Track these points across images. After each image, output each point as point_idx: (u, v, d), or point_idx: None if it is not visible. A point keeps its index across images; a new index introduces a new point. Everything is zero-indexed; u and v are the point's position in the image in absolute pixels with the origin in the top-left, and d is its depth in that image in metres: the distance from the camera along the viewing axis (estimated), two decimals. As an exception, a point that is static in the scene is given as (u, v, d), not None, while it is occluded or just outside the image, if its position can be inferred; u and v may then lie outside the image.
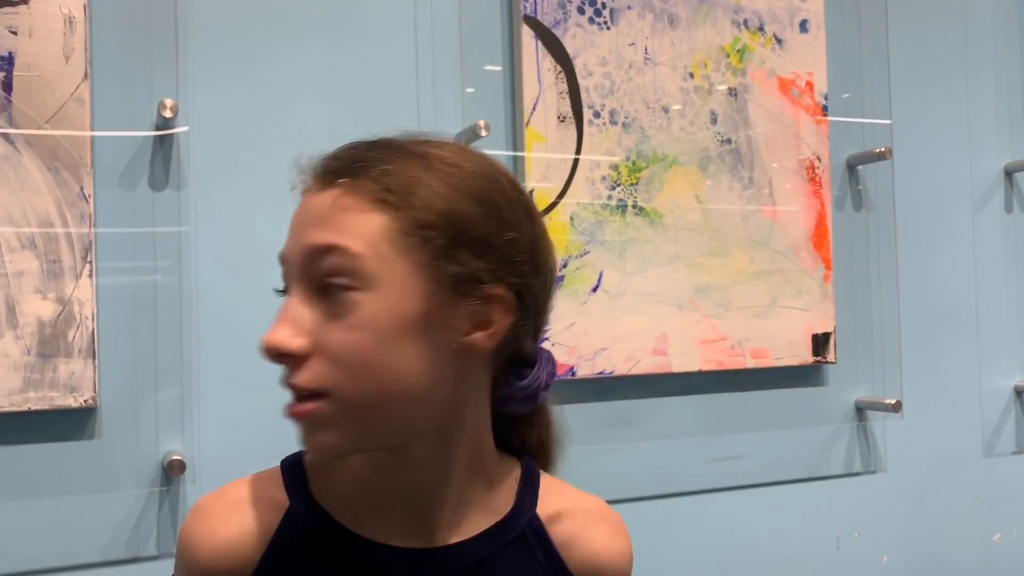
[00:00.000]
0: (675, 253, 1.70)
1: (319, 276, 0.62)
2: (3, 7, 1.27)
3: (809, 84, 1.85)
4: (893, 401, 1.83)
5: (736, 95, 1.78)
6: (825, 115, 1.86)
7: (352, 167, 0.63)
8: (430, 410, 0.64)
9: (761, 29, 1.80)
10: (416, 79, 1.55)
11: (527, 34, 1.60)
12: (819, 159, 1.85)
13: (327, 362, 0.61)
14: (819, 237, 1.84)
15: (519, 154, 1.60)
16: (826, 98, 1.87)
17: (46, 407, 1.27)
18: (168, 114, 1.30)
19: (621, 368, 1.65)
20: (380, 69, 1.53)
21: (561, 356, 1.60)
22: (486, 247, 0.61)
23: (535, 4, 1.60)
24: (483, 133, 1.51)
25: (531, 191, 1.58)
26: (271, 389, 1.40)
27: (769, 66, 1.81)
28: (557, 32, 1.62)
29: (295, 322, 0.62)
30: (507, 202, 0.64)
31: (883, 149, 1.86)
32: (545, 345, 1.59)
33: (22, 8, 1.28)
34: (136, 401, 1.35)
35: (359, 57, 1.52)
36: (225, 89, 1.42)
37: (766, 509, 1.79)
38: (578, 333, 1.62)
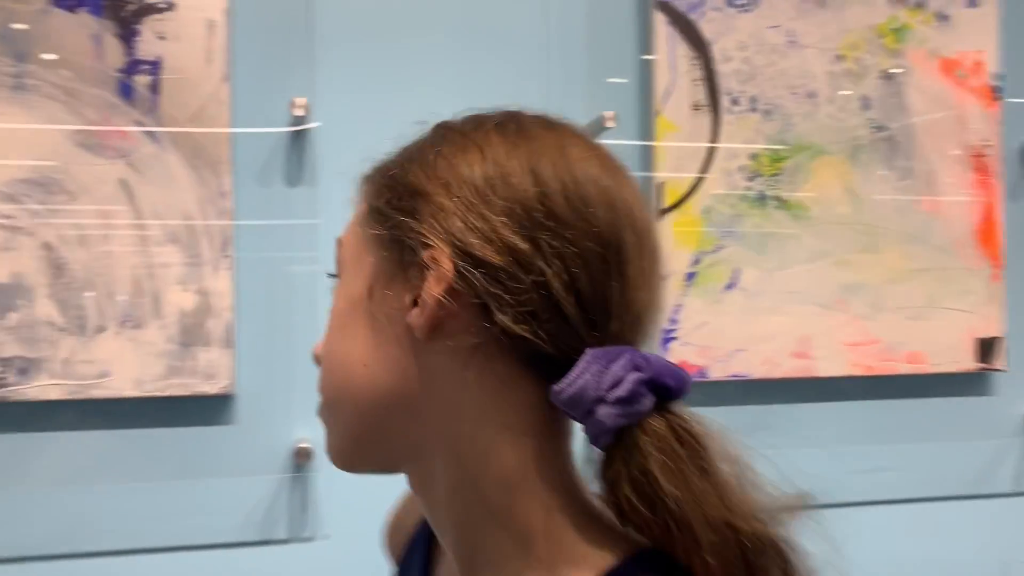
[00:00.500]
0: (821, 249, 1.59)
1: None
2: (152, 14, 1.34)
3: (978, 64, 1.68)
4: None
5: (892, 78, 1.64)
6: (997, 98, 1.69)
7: (377, 164, 0.61)
8: (396, 416, 0.55)
9: (921, 6, 1.65)
10: (546, 71, 1.52)
11: (660, 21, 1.53)
12: (988, 146, 1.68)
13: None
14: (986, 232, 1.67)
15: (649, 144, 1.54)
16: (998, 79, 1.69)
17: (186, 393, 1.34)
18: (300, 112, 1.33)
19: (758, 371, 1.56)
20: (509, 61, 1.51)
21: (692, 357, 1.54)
22: (443, 216, 0.52)
23: (669, -12, 1.54)
24: (609, 124, 1.46)
25: (656, 184, 1.52)
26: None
27: (931, 46, 1.66)
28: (693, 17, 1.55)
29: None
30: (520, 176, 0.53)
31: (1066, 134, 1.66)
32: (674, 345, 1.54)
33: (168, 15, 1.35)
34: (270, 389, 1.40)
35: (487, 49, 1.51)
36: (357, 86, 1.44)
37: (920, 527, 1.65)
38: (711, 333, 1.54)
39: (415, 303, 0.53)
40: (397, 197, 0.55)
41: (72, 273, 1.31)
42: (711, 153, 1.55)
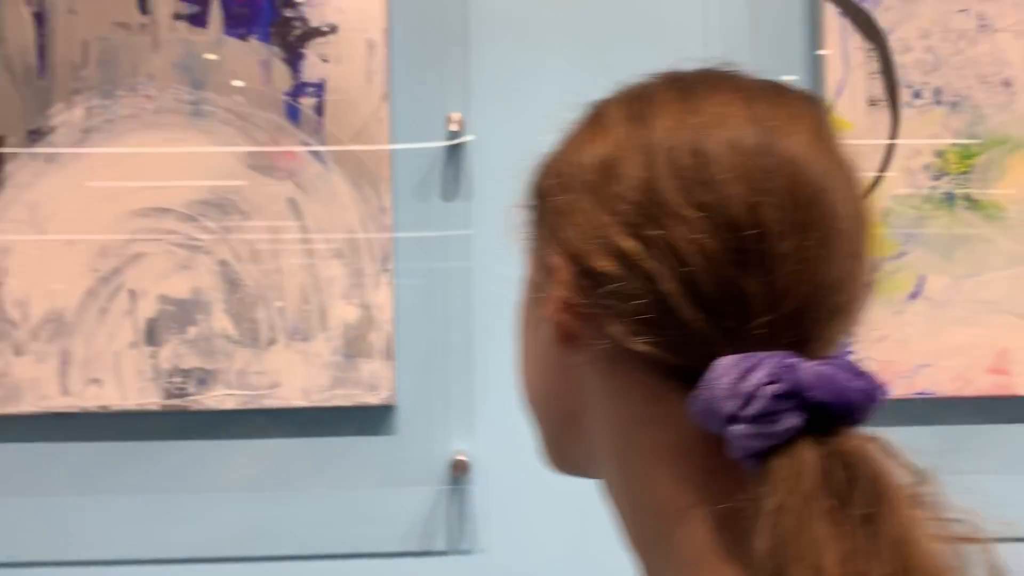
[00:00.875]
0: (1020, 253, 1.43)
1: None
2: (316, 38, 1.39)
3: None
4: None
5: (1107, 59, 1.46)
6: None
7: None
8: (566, 425, 0.53)
9: None
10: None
11: (831, 12, 1.43)
12: None
13: None
14: None
15: (821, 146, 1.44)
16: None
17: (350, 403, 1.38)
18: (455, 127, 1.34)
19: (947, 388, 1.42)
20: (667, 62, 1.46)
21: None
22: (561, 223, 0.49)
23: (841, -23, 1.44)
24: (777, 125, 1.38)
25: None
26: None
27: None
28: (867, 6, 1.44)
29: None
30: (632, 156, 0.47)
31: None
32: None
33: (331, 37, 1.39)
34: (429, 400, 1.42)
35: (644, 52, 1.46)
36: (510, 98, 1.44)
37: None
38: (892, 347, 1.42)
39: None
40: (529, 198, 0.54)
41: (245, 288, 1.38)
42: (890, 151, 1.44)
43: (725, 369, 0.42)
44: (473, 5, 1.44)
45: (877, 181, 1.43)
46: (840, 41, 1.43)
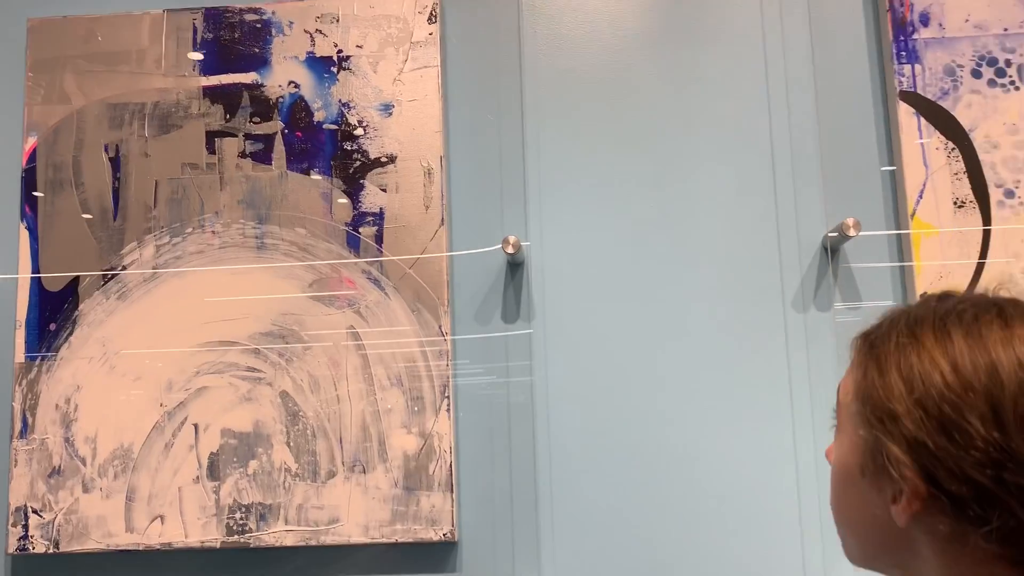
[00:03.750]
0: None
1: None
2: (375, 168, 1.41)
3: None
4: None
5: None
6: None
7: (875, 328, 0.68)
8: (888, 556, 0.66)
9: None
10: (772, 179, 1.40)
11: (905, 112, 1.36)
12: None
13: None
14: None
15: (905, 264, 1.35)
16: None
17: (411, 539, 1.32)
18: (511, 250, 1.32)
19: None
20: (732, 180, 1.41)
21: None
22: (916, 445, 0.59)
23: (913, 77, 1.37)
24: (851, 232, 1.29)
25: None
26: (623, 523, 1.31)
27: None
28: (946, 104, 1.36)
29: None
30: (980, 417, 0.57)
31: None
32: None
33: (390, 167, 1.41)
34: (494, 535, 1.34)
35: (708, 172, 1.41)
36: (569, 223, 1.41)
37: None
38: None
39: (895, 499, 0.61)
40: (873, 412, 0.62)
41: (305, 420, 1.36)
42: (984, 255, 1.32)
43: None
44: (529, 126, 1.43)
45: (971, 290, 1.32)
46: (917, 141, 1.35)
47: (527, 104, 1.44)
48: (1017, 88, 1.36)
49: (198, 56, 1.46)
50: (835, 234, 1.33)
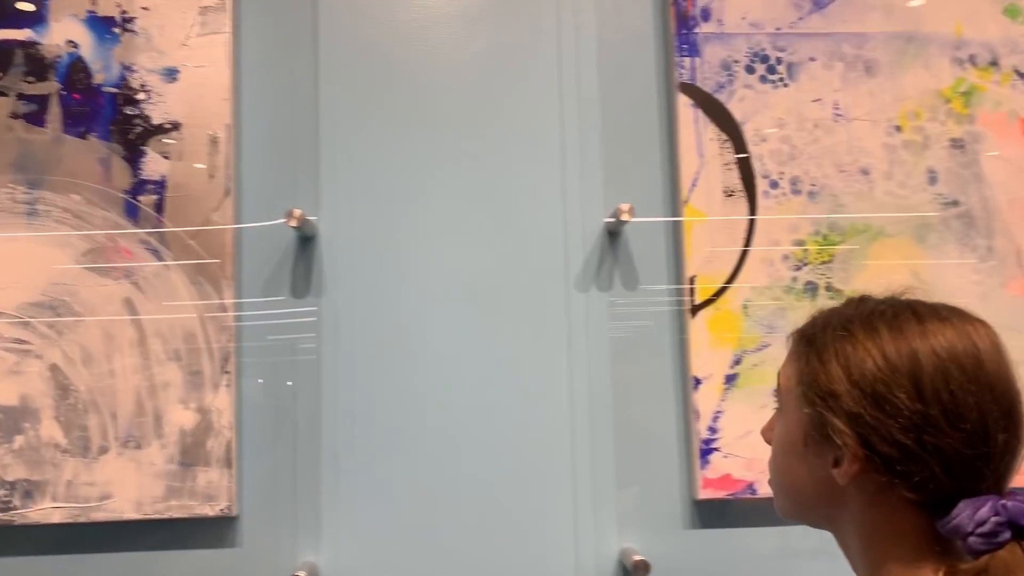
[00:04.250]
0: (885, 344, 1.39)
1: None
2: (158, 135, 1.36)
3: (1071, 124, 1.46)
4: None
5: (963, 147, 1.45)
6: (1098, 160, 1.46)
7: (810, 326, 0.81)
8: (819, 511, 0.80)
9: (994, 64, 1.46)
10: (562, 164, 1.44)
11: (684, 103, 1.43)
12: (1092, 217, 1.44)
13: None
14: (1098, 317, 1.42)
15: (677, 236, 1.42)
16: (1098, 139, 1.46)
17: (186, 515, 1.30)
18: (294, 223, 1.31)
19: (816, 485, 1.37)
20: (524, 163, 1.44)
21: (736, 470, 1.36)
22: (855, 417, 0.73)
23: (692, 69, 1.43)
24: (625, 217, 1.35)
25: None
26: (406, 500, 1.34)
27: (1009, 107, 1.46)
28: (721, 97, 1.43)
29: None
30: (905, 393, 0.71)
31: None
32: (715, 457, 1.38)
33: (174, 134, 1.37)
34: (273, 510, 1.34)
35: (501, 154, 1.44)
36: (362, 196, 1.41)
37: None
38: (757, 443, 1.36)
39: (836, 463, 0.75)
40: (817, 393, 0.75)
41: (77, 394, 1.32)
42: (748, 242, 1.41)
43: (965, 508, 0.70)
44: (324, 98, 1.42)
45: (736, 273, 1.40)
46: (693, 132, 1.42)
47: (323, 76, 1.43)
48: (786, 85, 1.44)
49: (-34, 7, 1.37)
50: (612, 219, 1.38)
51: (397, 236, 1.41)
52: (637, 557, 1.31)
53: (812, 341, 0.79)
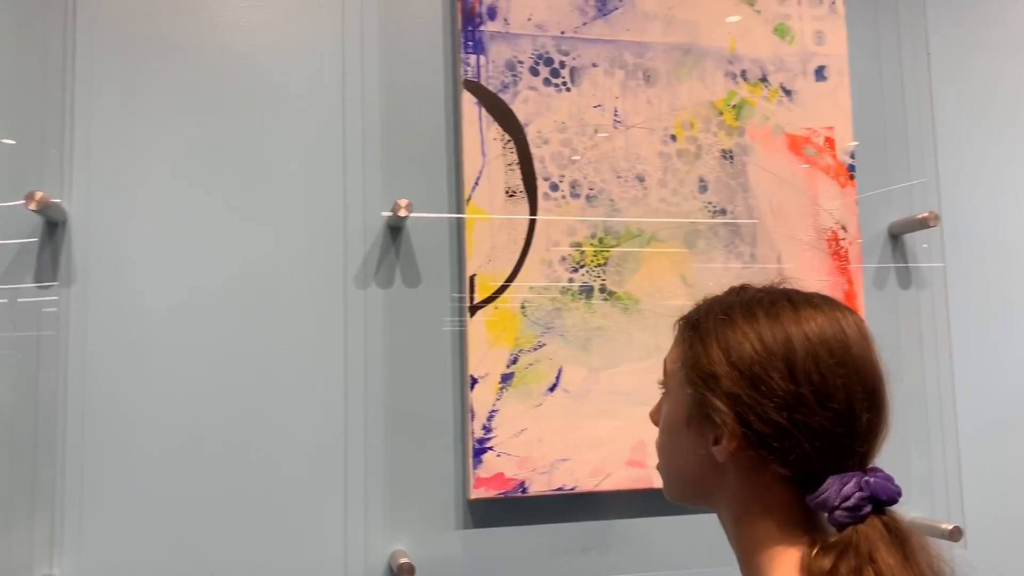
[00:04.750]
0: (655, 344, 1.44)
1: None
2: None
3: (829, 141, 1.56)
4: (951, 527, 1.46)
5: (732, 158, 1.52)
6: (852, 177, 1.56)
7: (694, 313, 0.85)
8: (701, 489, 0.84)
9: (764, 80, 1.54)
10: (343, 158, 1.40)
11: (468, 101, 1.42)
12: (844, 229, 1.55)
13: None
14: (847, 322, 1.52)
15: (459, 234, 1.41)
16: (853, 156, 1.57)
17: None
18: (34, 207, 1.20)
19: (586, 483, 1.39)
20: (303, 155, 1.39)
21: (509, 469, 1.37)
22: (733, 397, 0.77)
23: (478, 67, 1.43)
24: (403, 213, 1.33)
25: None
26: (164, 507, 1.26)
27: (775, 122, 1.54)
28: (505, 97, 1.43)
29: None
30: (779, 374, 0.76)
31: (927, 214, 1.53)
32: (488, 456, 1.38)
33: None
34: (7, 519, 1.23)
35: (277, 144, 1.38)
36: (121, 186, 1.32)
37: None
38: (530, 441, 1.38)
39: (715, 441, 0.79)
40: (699, 375, 0.80)
41: None
42: (528, 243, 1.42)
43: (833, 484, 0.74)
44: (80, 72, 1.32)
45: (515, 273, 1.41)
46: (477, 130, 1.42)
47: (80, 47, 1.32)
48: (568, 89, 1.46)
49: None
50: (390, 214, 1.36)
51: (159, 224, 1.32)
52: (403, 560, 1.29)
53: (696, 326, 0.83)
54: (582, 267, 1.44)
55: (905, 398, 1.57)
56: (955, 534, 1.45)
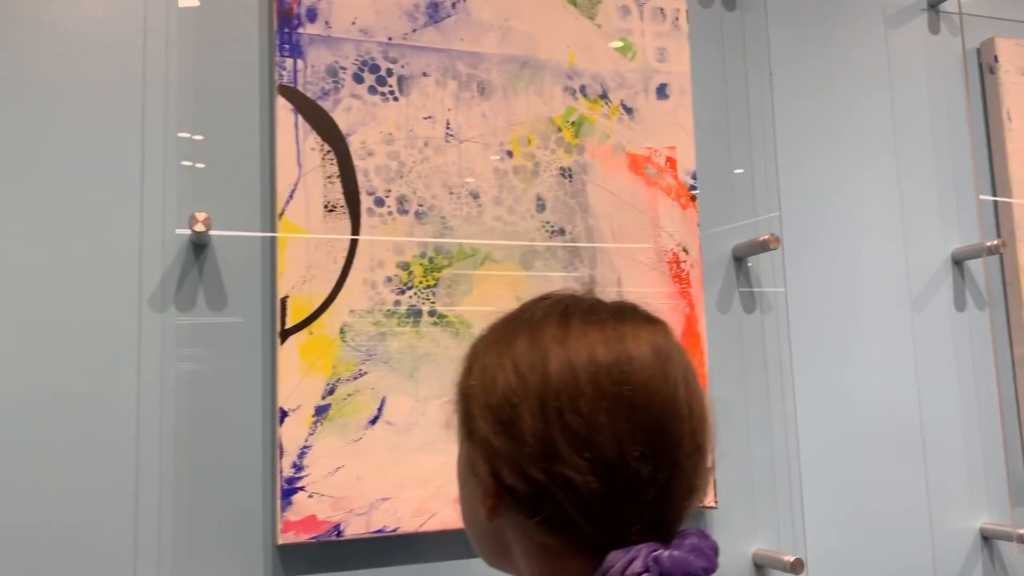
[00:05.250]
0: (487, 372, 1.35)
1: None
2: None
3: (671, 161, 1.51)
4: (792, 559, 1.41)
5: (571, 176, 1.45)
6: (694, 198, 1.52)
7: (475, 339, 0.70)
8: (493, 549, 0.68)
9: (604, 97, 1.49)
10: (141, 166, 1.26)
11: (283, 107, 1.30)
12: (686, 251, 1.50)
13: None
14: (688, 346, 1.46)
15: (271, 252, 1.29)
16: (695, 177, 1.53)
17: None
18: None
19: (409, 523, 1.28)
20: (96, 166, 1.24)
21: (323, 511, 1.24)
22: (486, 444, 0.61)
23: (295, 72, 1.31)
24: (199, 228, 1.20)
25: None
26: None
27: (615, 140, 1.49)
28: (326, 105, 1.32)
29: None
30: (531, 412, 0.59)
31: (767, 237, 1.50)
32: (299, 496, 1.25)
33: None
34: None
35: (66, 133, 1.23)
36: None
37: None
38: (347, 480, 1.26)
39: (482, 497, 0.63)
40: (463, 416, 0.65)
41: None
42: (349, 262, 1.31)
43: (616, 560, 0.57)
44: None
45: (334, 295, 1.29)
46: (293, 139, 1.30)
47: None
48: (396, 99, 1.37)
49: None
50: (188, 231, 1.23)
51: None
52: (194, 616, 1.15)
53: (471, 350, 0.67)
54: (410, 288, 1.33)
55: (752, 427, 1.52)
56: (796, 566, 1.40)
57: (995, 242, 1.67)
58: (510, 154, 1.42)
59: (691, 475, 0.60)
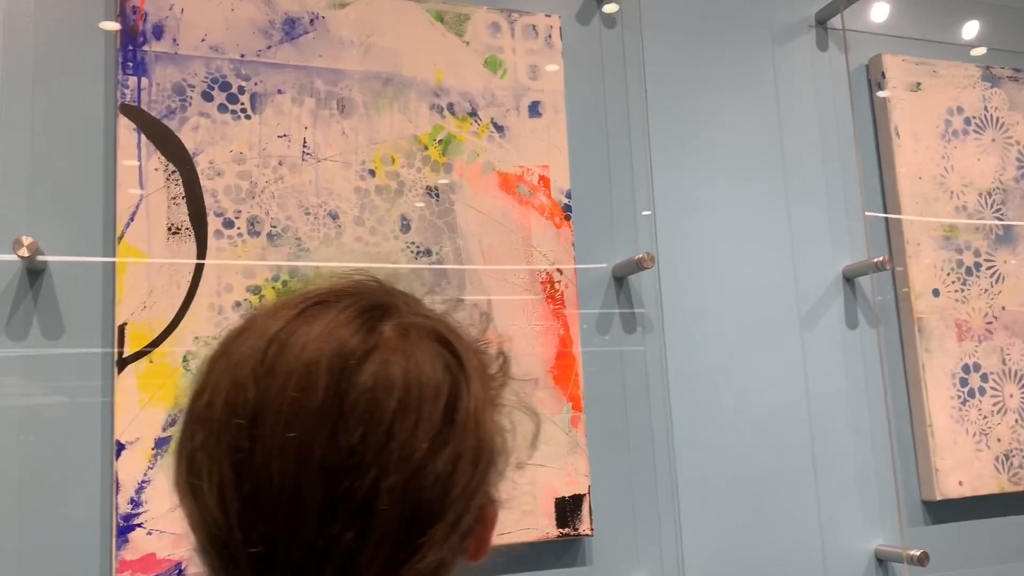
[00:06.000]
0: (346, 399, 1.29)
1: None
2: None
3: (544, 180, 1.48)
4: (669, 586, 1.37)
5: (438, 196, 1.41)
6: (568, 217, 1.49)
7: None
8: None
9: (474, 115, 1.45)
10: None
11: (125, 127, 1.25)
12: (560, 271, 1.46)
13: None
14: (563, 369, 1.43)
15: (110, 277, 1.23)
16: (569, 196, 1.49)
17: None
18: None
19: (258, 560, 1.22)
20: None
21: (164, 548, 1.18)
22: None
23: (139, 90, 1.26)
24: (24, 252, 1.14)
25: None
26: None
27: (485, 159, 1.45)
28: (172, 124, 1.28)
29: None
30: (357, 413, 0.48)
31: (642, 256, 1.47)
32: (137, 534, 1.18)
33: None
34: None
35: None
36: None
37: None
38: (188, 515, 1.19)
39: None
40: None
41: None
42: (194, 286, 1.25)
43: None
44: None
45: (177, 322, 1.24)
46: (136, 159, 1.25)
47: None
48: (248, 117, 1.32)
49: None
50: (15, 257, 1.16)
51: None
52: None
53: None
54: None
55: (633, 452, 1.48)
56: (673, 595, 1.35)
57: (881, 258, 1.66)
58: (372, 173, 1.38)
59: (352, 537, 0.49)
